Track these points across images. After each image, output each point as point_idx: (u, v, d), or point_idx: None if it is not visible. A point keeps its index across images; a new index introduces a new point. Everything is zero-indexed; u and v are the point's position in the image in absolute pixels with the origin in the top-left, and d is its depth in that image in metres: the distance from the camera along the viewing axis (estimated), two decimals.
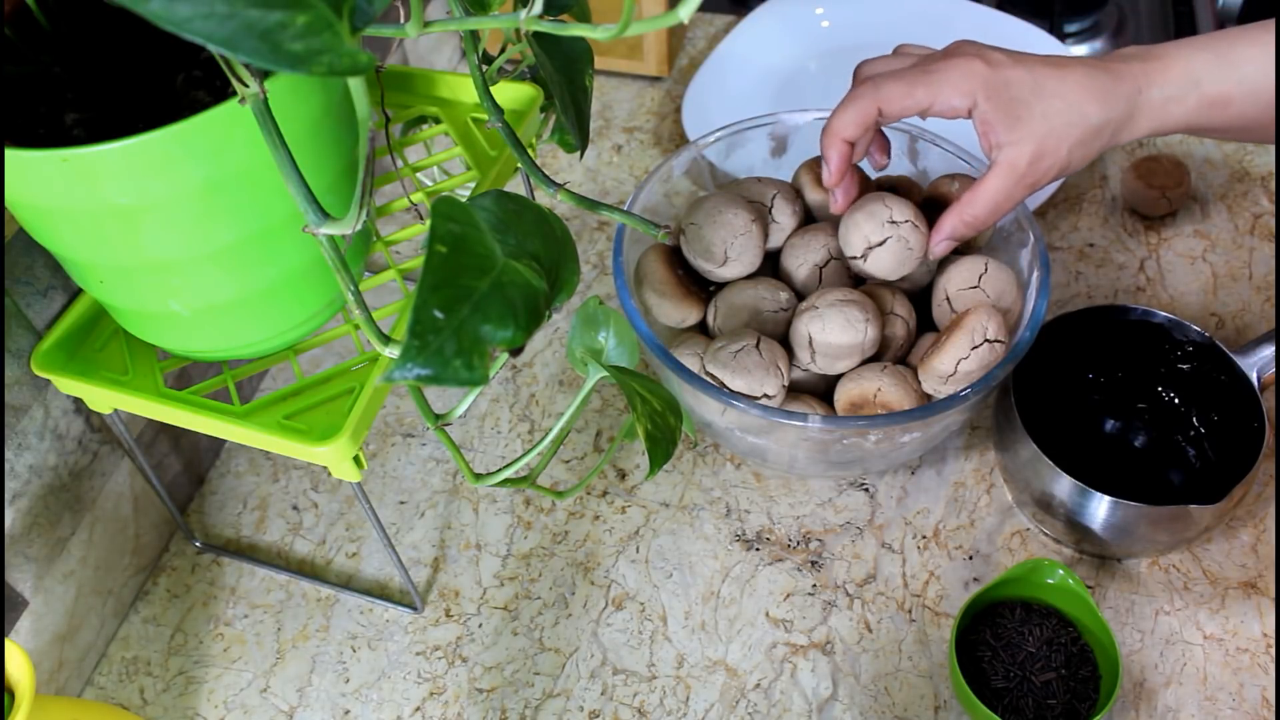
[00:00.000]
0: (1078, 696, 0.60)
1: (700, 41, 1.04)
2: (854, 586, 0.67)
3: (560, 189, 0.53)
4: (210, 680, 0.66)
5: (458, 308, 0.35)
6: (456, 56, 1.01)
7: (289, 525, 0.73)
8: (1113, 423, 0.73)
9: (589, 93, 0.55)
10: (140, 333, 0.56)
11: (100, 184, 0.43)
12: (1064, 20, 1.14)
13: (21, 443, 0.58)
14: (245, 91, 0.40)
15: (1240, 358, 0.66)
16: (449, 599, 0.68)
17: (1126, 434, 0.72)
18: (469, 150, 0.65)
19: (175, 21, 0.27)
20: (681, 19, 0.33)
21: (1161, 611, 0.65)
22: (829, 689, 0.63)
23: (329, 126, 0.50)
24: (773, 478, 0.73)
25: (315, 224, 0.40)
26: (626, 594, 0.68)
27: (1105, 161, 0.90)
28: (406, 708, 0.64)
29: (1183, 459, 0.70)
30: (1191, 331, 0.68)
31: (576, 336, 0.55)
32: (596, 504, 0.72)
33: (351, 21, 0.31)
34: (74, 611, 0.63)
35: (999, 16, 0.96)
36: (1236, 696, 0.61)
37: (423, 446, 0.76)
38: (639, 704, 0.63)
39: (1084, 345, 0.71)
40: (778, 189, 0.70)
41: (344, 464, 0.53)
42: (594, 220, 0.89)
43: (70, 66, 0.52)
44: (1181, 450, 0.70)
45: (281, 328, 0.55)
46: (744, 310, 0.66)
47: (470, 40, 0.50)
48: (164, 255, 0.47)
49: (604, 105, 0.98)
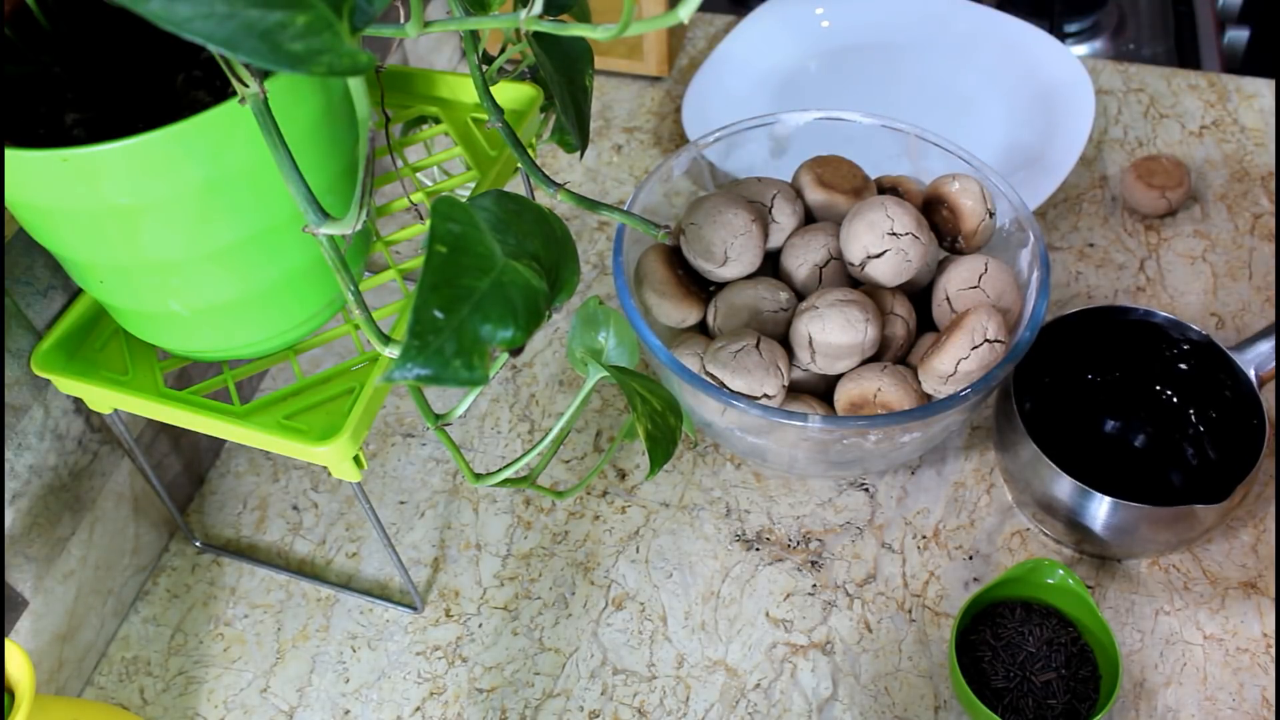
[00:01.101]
0: (1078, 696, 0.60)
1: (700, 41, 1.04)
2: (854, 586, 0.67)
3: (560, 189, 0.53)
4: (210, 680, 0.66)
5: (458, 308, 0.35)
6: (456, 56, 1.01)
7: (289, 525, 0.73)
8: (1112, 423, 0.72)
9: (589, 93, 0.56)
10: (140, 333, 0.56)
11: (100, 184, 0.43)
12: (1064, 20, 1.14)
13: (21, 443, 0.58)
14: (245, 91, 0.40)
15: (1238, 355, 0.66)
16: (449, 599, 0.68)
17: (1126, 434, 0.72)
18: (469, 150, 0.65)
19: (175, 21, 0.27)
20: (681, 19, 0.33)
21: (1161, 611, 0.65)
22: (829, 689, 0.63)
23: (329, 126, 0.50)
24: (773, 478, 0.73)
25: (315, 224, 0.40)
26: (626, 594, 0.68)
27: (1105, 161, 0.90)
28: (406, 708, 0.64)
29: (1182, 459, 0.70)
30: (1190, 331, 0.68)
31: (576, 336, 0.55)
32: (596, 504, 0.72)
33: (351, 21, 0.31)
34: (74, 611, 0.63)
35: (999, 16, 0.96)
36: (1236, 696, 0.61)
37: (423, 446, 0.76)
38: (639, 704, 0.63)
39: (1083, 345, 0.71)
40: (778, 189, 0.70)
41: (344, 464, 0.53)
42: (594, 220, 0.89)
43: (70, 66, 0.52)
44: (1181, 450, 0.70)
45: (281, 328, 0.55)
46: (744, 310, 0.66)
47: (470, 40, 0.50)
48: (164, 255, 0.47)
49: (604, 105, 0.98)
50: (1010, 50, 0.94)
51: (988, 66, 0.94)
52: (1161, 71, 0.98)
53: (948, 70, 0.95)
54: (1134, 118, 0.94)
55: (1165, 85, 0.96)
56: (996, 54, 0.94)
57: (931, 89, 0.94)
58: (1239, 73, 1.04)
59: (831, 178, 0.70)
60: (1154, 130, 0.92)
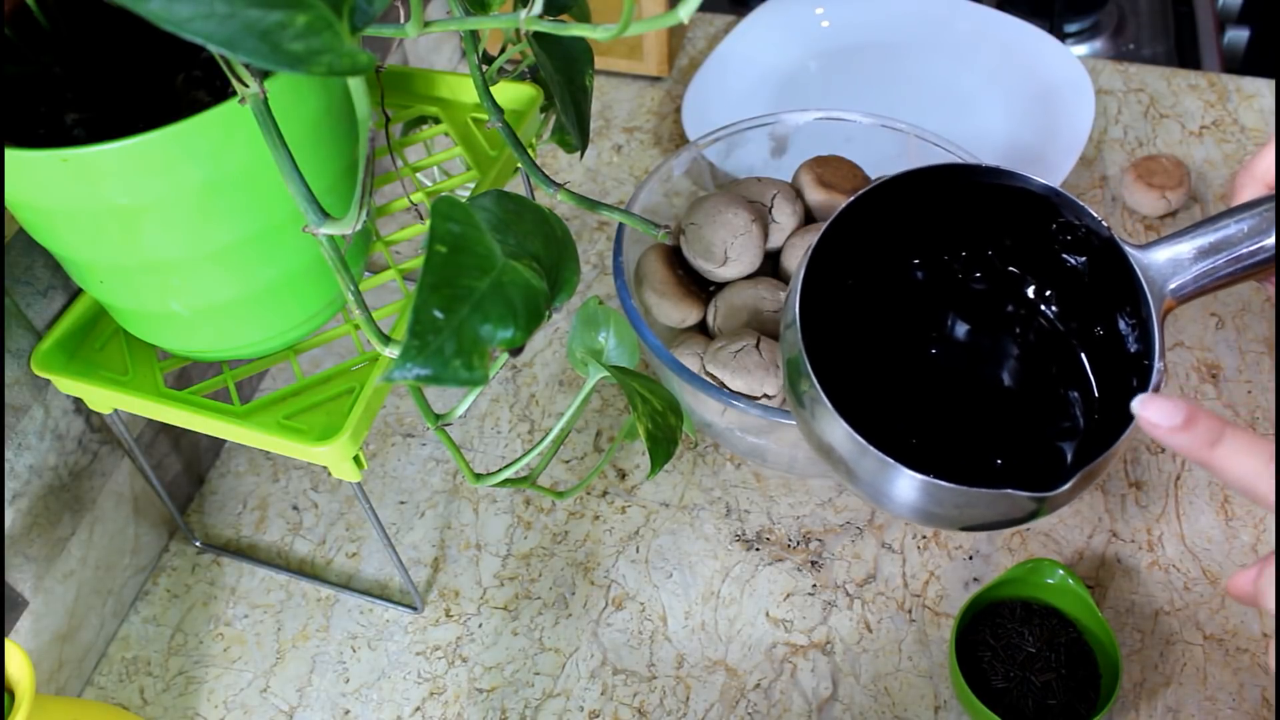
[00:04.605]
0: (1078, 696, 0.60)
1: (700, 41, 1.04)
2: (854, 586, 0.67)
3: (560, 189, 0.53)
4: (210, 680, 0.66)
5: (458, 308, 0.35)
6: (456, 56, 1.01)
7: (289, 525, 0.73)
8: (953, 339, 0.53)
9: (589, 93, 0.56)
10: (140, 333, 0.56)
11: (100, 184, 0.43)
12: (1064, 20, 1.14)
13: (21, 443, 0.58)
14: (245, 91, 0.40)
15: (1143, 257, 0.46)
16: (449, 599, 0.68)
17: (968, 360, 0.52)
18: (469, 150, 0.65)
19: (175, 21, 0.27)
20: (681, 19, 0.33)
21: (1161, 611, 0.65)
22: (829, 689, 0.63)
23: (329, 126, 0.50)
24: (773, 478, 0.73)
25: (315, 224, 0.40)
26: (626, 594, 0.68)
27: (1105, 161, 0.90)
28: (406, 708, 0.64)
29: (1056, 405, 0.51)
30: (1085, 215, 0.48)
31: (576, 336, 0.55)
32: (596, 504, 0.72)
33: (351, 21, 0.31)
34: (74, 611, 0.63)
35: (999, 16, 0.96)
36: (1236, 696, 0.61)
37: (423, 446, 0.76)
38: (639, 704, 0.63)
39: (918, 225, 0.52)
40: (778, 189, 0.70)
41: (344, 464, 0.53)
42: (594, 220, 0.89)
43: (70, 66, 0.52)
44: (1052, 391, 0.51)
45: (281, 328, 0.55)
46: (744, 310, 0.66)
47: (470, 40, 0.50)
48: (164, 255, 0.47)
49: (604, 105, 0.98)
50: (1010, 50, 0.94)
51: (988, 66, 0.94)
52: (1161, 71, 0.98)
53: (948, 70, 0.95)
54: (1134, 118, 0.94)
55: (1165, 85, 0.96)
56: (996, 54, 0.94)
57: (931, 89, 0.94)
58: (1239, 73, 1.04)
59: (831, 178, 0.70)
60: (1154, 130, 0.92)
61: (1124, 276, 0.47)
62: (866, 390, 0.48)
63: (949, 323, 0.54)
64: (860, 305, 0.54)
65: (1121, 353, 0.48)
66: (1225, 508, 0.69)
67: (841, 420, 0.45)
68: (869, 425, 0.45)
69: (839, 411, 0.45)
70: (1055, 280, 0.52)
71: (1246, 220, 0.45)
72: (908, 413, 0.51)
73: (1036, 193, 0.49)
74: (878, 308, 0.54)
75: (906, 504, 0.46)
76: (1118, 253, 0.47)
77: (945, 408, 0.52)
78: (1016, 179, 0.49)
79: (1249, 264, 0.45)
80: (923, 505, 0.45)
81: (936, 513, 0.46)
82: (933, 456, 0.44)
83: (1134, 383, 0.46)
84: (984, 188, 0.50)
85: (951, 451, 0.48)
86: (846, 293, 0.53)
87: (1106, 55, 1.12)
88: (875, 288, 0.54)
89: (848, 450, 0.46)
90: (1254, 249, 0.45)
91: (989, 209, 0.51)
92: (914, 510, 0.46)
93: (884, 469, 0.44)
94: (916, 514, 0.46)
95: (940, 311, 0.54)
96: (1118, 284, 0.47)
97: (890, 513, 0.47)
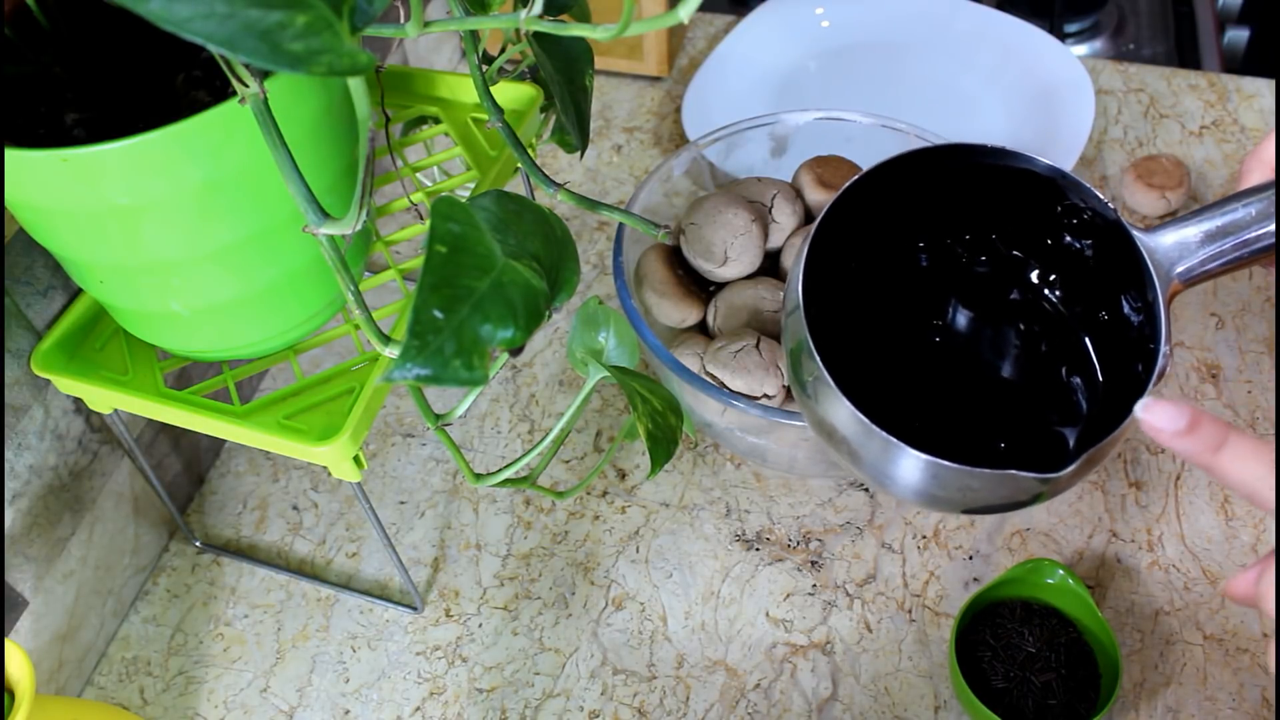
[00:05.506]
0: (1078, 696, 0.60)
1: (700, 41, 1.04)
2: (854, 586, 0.67)
3: (560, 189, 0.53)
4: (210, 680, 0.66)
5: (458, 308, 0.35)
6: (456, 56, 1.01)
7: (289, 525, 0.73)
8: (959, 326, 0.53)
9: (589, 93, 0.56)
10: (140, 333, 0.56)
11: (100, 184, 0.43)
12: (1064, 20, 1.14)
13: (21, 443, 0.58)
14: (245, 91, 0.40)
15: (1150, 240, 0.45)
16: (449, 599, 0.68)
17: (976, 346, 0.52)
18: (469, 150, 0.65)
19: (175, 21, 0.27)
20: (681, 19, 0.33)
21: (1161, 612, 0.65)
22: (829, 689, 0.63)
23: (329, 126, 0.50)
24: (773, 478, 0.73)
25: (315, 224, 0.40)
26: (626, 594, 0.68)
27: (1105, 161, 0.90)
28: (406, 708, 0.64)
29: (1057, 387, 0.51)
30: (1089, 196, 0.47)
31: (576, 336, 0.55)
32: (596, 504, 0.72)
33: (351, 21, 0.31)
34: (74, 611, 0.63)
35: (999, 16, 0.96)
36: (1236, 696, 0.61)
37: (423, 446, 0.76)
38: (639, 704, 0.63)
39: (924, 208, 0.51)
40: (778, 189, 0.70)
41: (344, 464, 0.53)
42: (594, 220, 0.89)
43: (70, 66, 0.52)
44: (1056, 373, 0.51)
45: (281, 328, 0.55)
46: (744, 310, 0.66)
47: (470, 40, 0.50)
48: (164, 255, 0.47)
49: (604, 105, 0.98)
50: (1010, 50, 0.94)
51: (988, 66, 0.94)
52: (1161, 71, 0.98)
53: (948, 70, 0.95)
54: (1134, 118, 0.94)
55: (1165, 85, 0.96)
56: (996, 54, 0.94)
57: (931, 89, 0.94)
58: (1239, 73, 1.04)
59: (831, 178, 0.70)
60: (1154, 130, 0.92)
61: (1130, 260, 0.46)
62: (870, 374, 0.48)
63: (952, 307, 0.53)
64: (863, 289, 0.53)
65: (1126, 337, 0.47)
66: (1225, 508, 0.69)
67: (846, 401, 0.44)
68: (873, 409, 0.44)
69: (844, 394, 0.44)
70: (1060, 264, 0.51)
71: (1254, 204, 0.45)
72: (911, 397, 0.50)
73: (1042, 174, 0.48)
74: (881, 292, 0.53)
75: (910, 485, 0.45)
76: (1124, 236, 0.46)
77: (948, 392, 0.52)
78: (1021, 159, 0.48)
79: (1256, 248, 0.45)
80: (926, 487, 0.45)
81: (940, 495, 0.45)
82: (936, 440, 0.43)
83: (1139, 368, 0.46)
84: (988, 169, 0.49)
85: (954, 435, 0.47)
86: (849, 276, 0.53)
87: (1106, 55, 1.12)
88: (878, 271, 0.53)
89: (852, 432, 0.45)
90: (1261, 233, 0.45)
91: (993, 191, 0.50)
92: (917, 492, 0.45)
93: (888, 450, 0.44)
94: (920, 496, 0.46)
95: (944, 295, 0.53)
96: (1123, 267, 0.46)
97: (894, 495, 0.47)
